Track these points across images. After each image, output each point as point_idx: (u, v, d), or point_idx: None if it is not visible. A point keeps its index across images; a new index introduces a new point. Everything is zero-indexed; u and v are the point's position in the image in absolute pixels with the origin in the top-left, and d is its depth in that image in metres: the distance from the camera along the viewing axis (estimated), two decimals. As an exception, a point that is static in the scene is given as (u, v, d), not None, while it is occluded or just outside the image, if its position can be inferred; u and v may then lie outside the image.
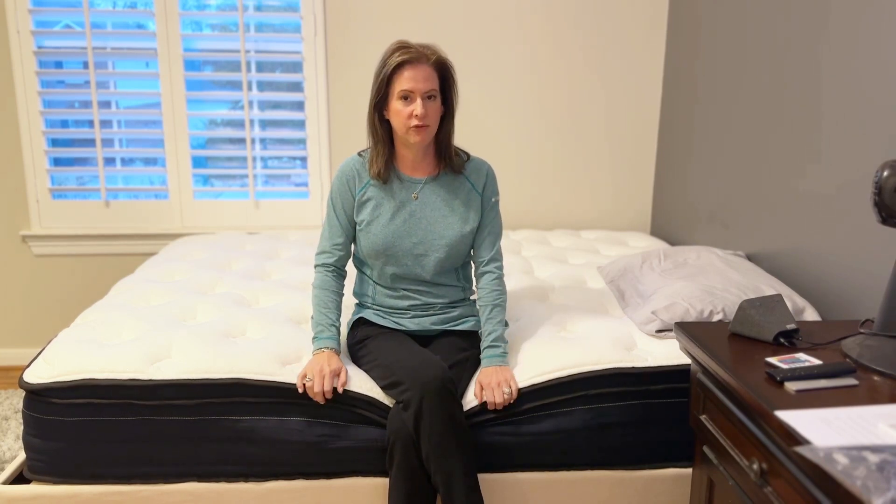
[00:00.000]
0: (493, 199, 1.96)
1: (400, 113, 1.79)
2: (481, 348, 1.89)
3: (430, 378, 1.67)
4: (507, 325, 1.93)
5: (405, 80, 1.77)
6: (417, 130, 1.79)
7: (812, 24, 2.08)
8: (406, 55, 1.77)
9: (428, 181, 1.91)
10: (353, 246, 1.99)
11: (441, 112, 1.86)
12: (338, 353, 1.84)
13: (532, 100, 3.20)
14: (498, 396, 1.76)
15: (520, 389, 1.79)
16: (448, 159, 1.90)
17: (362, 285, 2.02)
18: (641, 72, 3.18)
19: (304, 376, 1.76)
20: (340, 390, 1.75)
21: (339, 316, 1.91)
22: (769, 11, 2.31)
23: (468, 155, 1.96)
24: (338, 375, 1.76)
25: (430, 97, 1.79)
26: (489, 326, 1.89)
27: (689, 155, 2.92)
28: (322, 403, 1.76)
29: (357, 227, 1.94)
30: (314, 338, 1.86)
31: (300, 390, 1.75)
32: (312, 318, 1.90)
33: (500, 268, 1.97)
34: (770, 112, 2.31)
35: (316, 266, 1.96)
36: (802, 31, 2.13)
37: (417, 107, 1.77)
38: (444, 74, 1.84)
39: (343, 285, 1.96)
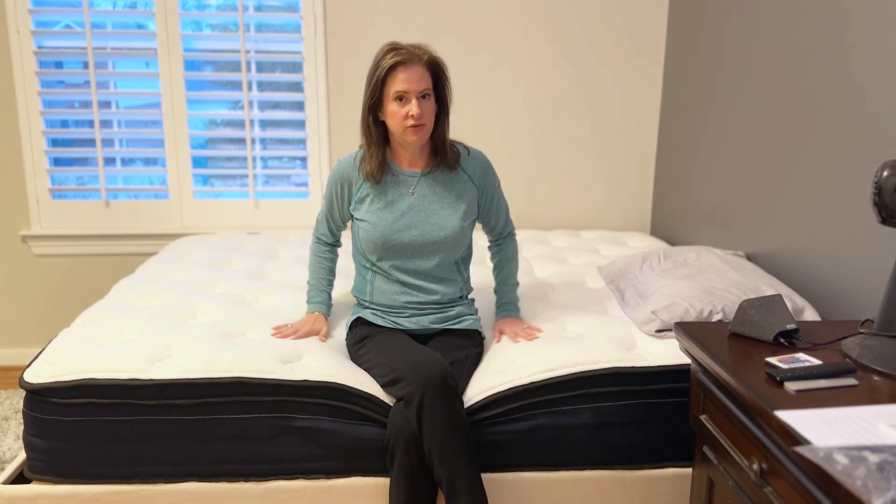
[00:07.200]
0: (496, 184, 2.03)
1: (396, 114, 1.82)
2: (496, 305, 2.11)
3: (432, 373, 1.68)
4: (518, 284, 2.12)
5: (399, 82, 1.80)
6: (415, 130, 1.83)
7: (812, 23, 2.08)
8: (399, 56, 1.80)
9: (424, 174, 1.96)
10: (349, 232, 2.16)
11: (436, 110, 1.89)
12: (327, 316, 2.06)
13: (532, 100, 3.20)
14: (524, 336, 1.95)
15: (520, 385, 1.79)
16: (444, 155, 1.94)
17: (361, 283, 2.03)
18: (641, 72, 3.18)
19: (287, 326, 1.99)
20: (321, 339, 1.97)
21: (333, 278, 2.10)
22: (769, 11, 2.31)
23: (467, 149, 2.00)
24: (317, 334, 1.98)
25: (424, 96, 1.83)
26: (504, 287, 2.09)
27: (689, 155, 2.92)
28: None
29: (355, 221, 1.98)
30: (308, 300, 2.08)
31: (272, 334, 1.96)
32: (308, 281, 2.09)
33: (513, 233, 2.13)
34: (770, 112, 2.31)
35: (314, 236, 2.10)
36: (802, 31, 2.13)
37: (413, 107, 1.80)
38: (437, 73, 1.87)
39: (337, 253, 2.12)
